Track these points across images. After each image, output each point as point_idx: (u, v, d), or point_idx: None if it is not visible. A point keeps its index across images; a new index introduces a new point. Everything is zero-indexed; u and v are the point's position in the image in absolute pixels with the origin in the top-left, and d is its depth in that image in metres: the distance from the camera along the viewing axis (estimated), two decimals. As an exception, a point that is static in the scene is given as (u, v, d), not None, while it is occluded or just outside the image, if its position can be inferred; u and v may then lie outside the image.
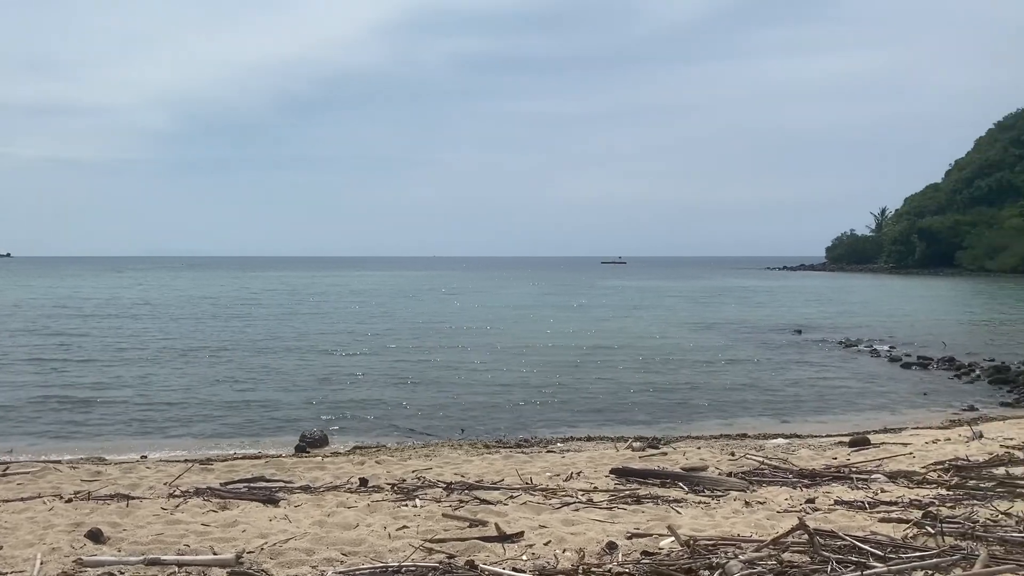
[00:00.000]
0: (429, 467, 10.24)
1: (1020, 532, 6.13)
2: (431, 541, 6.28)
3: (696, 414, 17.40)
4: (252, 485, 9.07)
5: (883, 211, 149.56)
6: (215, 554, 6.12)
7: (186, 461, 11.25)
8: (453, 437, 14.47)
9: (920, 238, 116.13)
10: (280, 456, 12.03)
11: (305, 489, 8.87)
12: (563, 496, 8.04)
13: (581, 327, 36.25)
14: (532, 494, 8.24)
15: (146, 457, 12.21)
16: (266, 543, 6.39)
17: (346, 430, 15.17)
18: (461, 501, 7.87)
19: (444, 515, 7.17)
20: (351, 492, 8.61)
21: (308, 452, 12.87)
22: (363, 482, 9.13)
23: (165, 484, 9.19)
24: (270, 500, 8.19)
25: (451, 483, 8.76)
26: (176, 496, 8.41)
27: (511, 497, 8.06)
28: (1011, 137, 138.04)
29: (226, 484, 9.09)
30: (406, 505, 7.75)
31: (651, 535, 6.35)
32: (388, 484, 8.96)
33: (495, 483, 8.87)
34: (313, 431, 14.15)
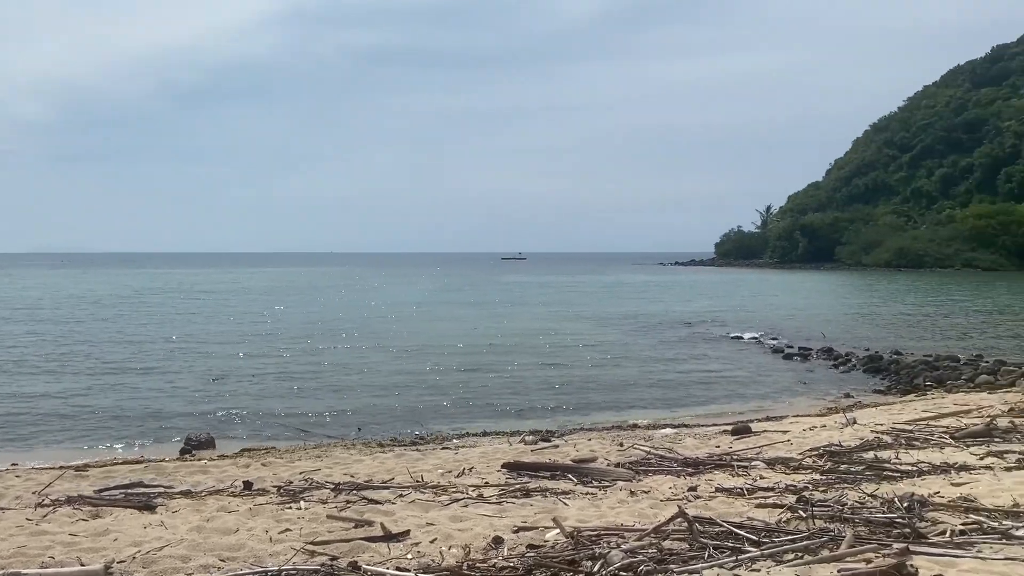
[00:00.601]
0: (318, 468, 10.02)
1: (884, 513, 6.46)
2: (314, 543, 6.13)
3: (591, 407, 17.71)
4: (128, 491, 8.66)
5: (768, 208, 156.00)
6: (82, 565, 5.80)
7: (60, 468, 10.63)
8: (347, 437, 14.23)
9: (802, 234, 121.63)
10: (162, 460, 11.53)
11: (186, 494, 8.53)
12: (453, 493, 8.01)
13: (480, 323, 36.31)
14: (422, 492, 8.17)
15: (16, 465, 11.47)
16: (139, 552, 6.10)
17: (235, 432, 14.69)
18: (348, 502, 7.72)
19: (329, 516, 7.02)
20: (234, 496, 8.33)
21: (193, 455, 12.41)
22: (247, 485, 8.84)
23: (34, 493, 8.65)
24: (147, 506, 7.84)
25: (339, 484, 8.59)
26: (45, 505, 7.94)
27: (400, 496, 7.97)
28: (885, 138, 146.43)
29: (101, 491, 8.65)
30: (290, 508, 7.54)
31: (538, 528, 6.40)
32: (274, 487, 8.72)
33: (385, 482, 8.76)
34: (199, 434, 13.65)
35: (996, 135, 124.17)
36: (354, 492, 8.18)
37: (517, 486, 8.21)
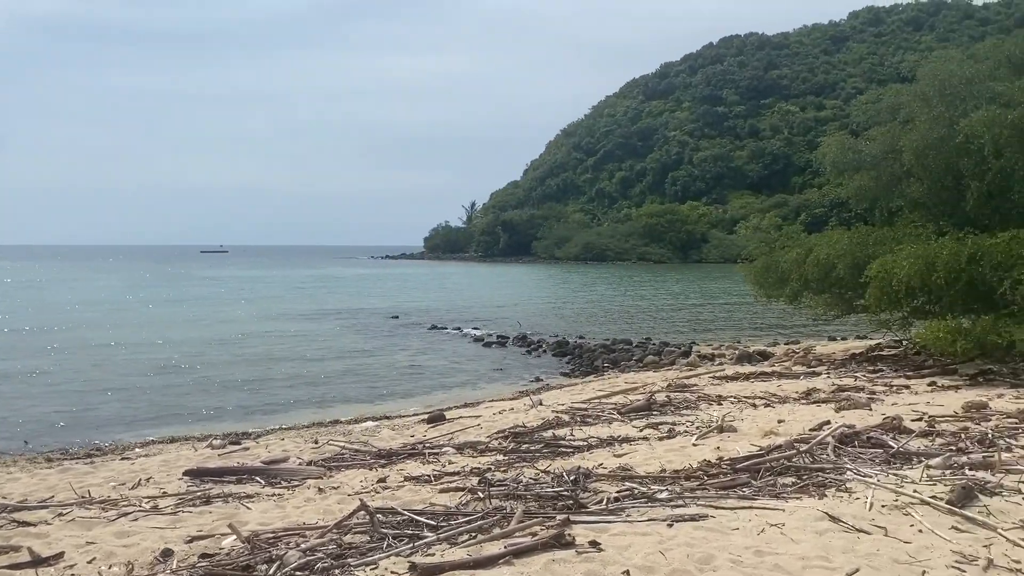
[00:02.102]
0: (-39, 492, 8.69)
1: (553, 487, 6.99)
2: (-62, 581, 5.32)
3: (292, 405, 17.26)
4: None
5: (473, 205, 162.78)
6: None
7: None
8: (9, 451, 12.56)
9: (503, 230, 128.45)
10: None
11: None
12: (124, 507, 7.35)
13: (174, 322, 33.88)
14: (88, 508, 7.41)
15: None
16: None
17: None
18: (-7, 527, 6.79)
19: (-36, 547, 6.12)
20: None
21: None
22: None
23: None
24: None
25: (-16, 507, 7.52)
26: None
27: (60, 515, 7.16)
28: (573, 142, 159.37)
29: None
30: (-85, 541, 6.47)
31: (214, 536, 6.08)
32: (-102, 518, 7.42)
33: (43, 501, 7.83)
34: None
35: (664, 143, 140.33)
36: (3, 515, 7.21)
37: (199, 494, 7.74)
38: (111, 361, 22.67)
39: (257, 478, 8.39)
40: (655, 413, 11.60)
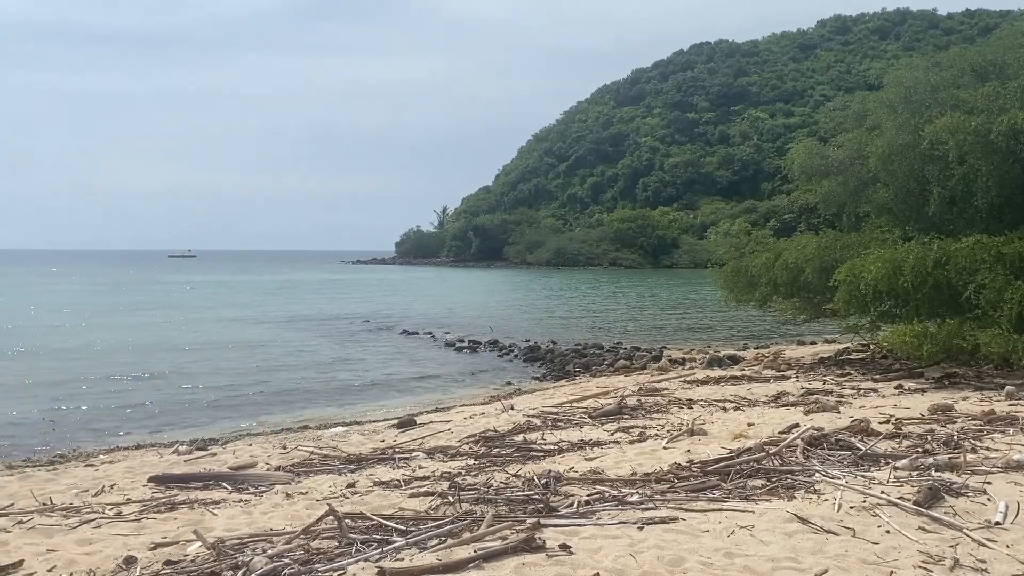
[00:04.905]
0: (-84, 501, 8.46)
1: (524, 491, 6.96)
2: None
3: (261, 410, 17.06)
4: None
5: (445, 209, 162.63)
6: None
7: None
8: (-32, 459, 12.25)
9: (475, 235, 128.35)
10: None
11: None
12: (87, 514, 7.20)
13: (139, 327, 33.35)
14: (50, 515, 7.25)
15: None
16: None
17: None
18: (-51, 537, 6.61)
19: (-82, 557, 5.95)
20: None
21: None
22: None
23: None
24: None
25: (-60, 517, 7.33)
26: None
27: (20, 522, 7.00)
28: (545, 148, 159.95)
29: None
30: None
31: (179, 542, 5.97)
32: None
33: (3, 508, 7.64)
34: None
35: (635, 149, 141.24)
36: (-40, 525, 7.03)
37: (163, 500, 7.61)
38: (72, 368, 22.23)
39: (224, 484, 8.25)
40: (626, 417, 11.62)
